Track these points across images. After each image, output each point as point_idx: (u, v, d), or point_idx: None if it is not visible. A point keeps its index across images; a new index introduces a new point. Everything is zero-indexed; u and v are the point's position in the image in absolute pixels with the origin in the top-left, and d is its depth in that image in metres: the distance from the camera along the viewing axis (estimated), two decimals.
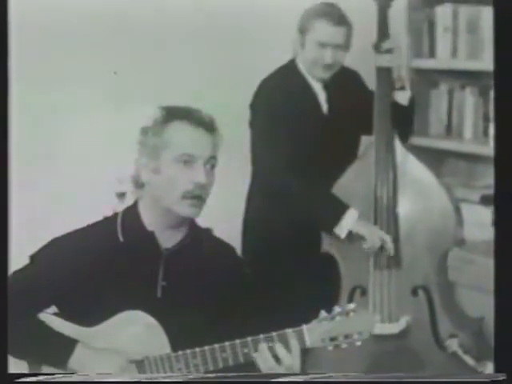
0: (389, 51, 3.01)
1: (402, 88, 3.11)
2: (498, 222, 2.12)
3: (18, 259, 2.23)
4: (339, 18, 3.04)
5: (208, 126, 2.15)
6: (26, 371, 2.13)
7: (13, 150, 2.16)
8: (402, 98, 3.11)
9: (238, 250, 2.78)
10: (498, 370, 2.03)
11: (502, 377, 1.99)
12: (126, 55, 3.41)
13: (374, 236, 2.95)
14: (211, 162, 2.15)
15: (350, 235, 2.96)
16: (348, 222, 2.95)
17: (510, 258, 2.07)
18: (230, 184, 3.30)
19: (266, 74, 3.16)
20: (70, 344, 2.12)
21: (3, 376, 2.05)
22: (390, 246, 2.95)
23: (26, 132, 3.07)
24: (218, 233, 2.37)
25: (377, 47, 3.03)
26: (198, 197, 2.13)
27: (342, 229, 2.95)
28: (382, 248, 2.96)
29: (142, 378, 2.09)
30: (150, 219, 2.19)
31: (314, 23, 3.05)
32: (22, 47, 2.66)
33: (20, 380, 2.03)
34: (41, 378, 2.04)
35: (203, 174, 2.11)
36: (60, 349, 2.12)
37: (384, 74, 3.04)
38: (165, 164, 2.13)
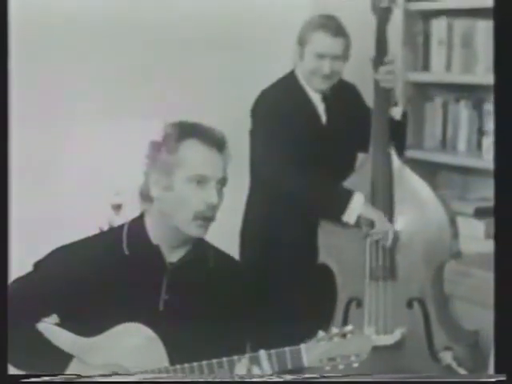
0: (388, 73, 3.02)
1: (395, 104, 3.13)
2: (497, 235, 2.12)
3: (17, 265, 2.21)
4: (337, 30, 3.07)
5: (220, 145, 2.16)
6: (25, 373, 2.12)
7: (13, 155, 2.16)
8: (396, 113, 3.13)
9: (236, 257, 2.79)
10: (498, 370, 2.03)
11: (502, 377, 1.99)
12: (126, 66, 3.41)
13: (383, 221, 2.95)
14: (222, 182, 2.16)
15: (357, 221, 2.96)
16: (356, 207, 2.95)
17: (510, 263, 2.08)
18: (228, 194, 3.32)
19: (266, 85, 3.18)
20: (65, 359, 2.12)
21: (3, 378, 2.04)
22: (391, 234, 2.95)
23: (26, 141, 3.08)
24: (217, 243, 2.37)
25: (375, 65, 3.04)
26: (209, 218, 2.14)
27: (351, 214, 2.95)
28: (386, 235, 2.96)
29: (142, 378, 2.07)
30: (156, 233, 2.20)
31: (312, 35, 3.08)
32: (22, 50, 2.67)
33: (20, 381, 2.01)
34: (41, 379, 2.03)
35: (215, 194, 2.12)
36: (55, 363, 2.11)
37: (382, 91, 3.05)
38: (178, 182, 2.13)
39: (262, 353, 2.07)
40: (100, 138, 3.31)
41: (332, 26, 3.07)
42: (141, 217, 2.24)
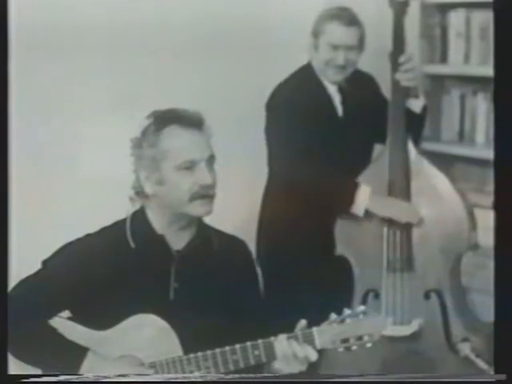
0: (408, 71, 3.02)
1: (416, 96, 3.13)
2: (498, 226, 2.13)
3: (17, 263, 2.24)
4: (351, 20, 3.07)
5: (198, 123, 2.16)
6: (26, 372, 2.13)
7: (13, 153, 2.17)
8: (415, 106, 3.13)
9: (253, 251, 2.81)
10: (498, 370, 2.04)
11: (502, 377, 2.00)
12: (134, 57, 3.41)
13: (390, 209, 2.96)
14: (211, 160, 2.17)
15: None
16: (363, 199, 2.96)
17: (511, 260, 2.08)
18: (244, 187, 3.34)
19: (282, 78, 3.18)
20: (81, 352, 2.13)
21: (3, 377, 2.05)
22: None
23: (26, 132, 3.09)
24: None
25: (393, 61, 3.04)
26: (206, 195, 2.15)
27: (359, 207, 2.97)
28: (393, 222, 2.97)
29: (148, 378, 2.10)
30: (159, 223, 2.21)
31: (326, 26, 3.08)
32: (21, 52, 2.68)
33: (20, 381, 2.03)
34: (41, 379, 2.05)
35: (208, 174, 2.13)
36: (71, 357, 2.13)
37: (401, 86, 3.05)
38: (167, 174, 2.14)
39: (273, 339, 2.08)
40: (112, 131, 3.33)
41: (345, 16, 3.07)
42: (142, 209, 2.24)
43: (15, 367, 2.13)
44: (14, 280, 2.22)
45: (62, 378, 2.05)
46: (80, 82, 3.31)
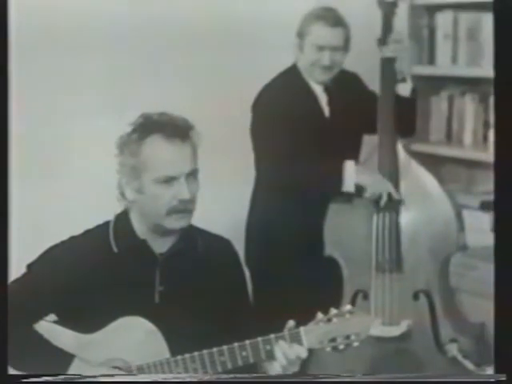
0: (394, 41, 3.04)
1: (404, 80, 3.13)
2: (497, 228, 2.13)
3: (18, 265, 2.22)
4: (336, 21, 3.07)
5: (183, 134, 2.12)
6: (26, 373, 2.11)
7: (13, 153, 2.17)
8: (404, 89, 3.14)
9: (241, 253, 2.80)
10: (498, 370, 2.04)
11: (502, 378, 2.00)
12: (127, 61, 3.41)
13: (376, 184, 2.97)
14: (193, 173, 2.13)
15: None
16: (350, 174, 2.97)
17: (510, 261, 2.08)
18: (231, 189, 3.34)
19: (267, 80, 3.18)
20: (66, 358, 2.11)
21: (3, 378, 2.04)
22: (386, 197, 2.97)
23: (26, 138, 3.08)
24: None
25: (381, 41, 3.06)
26: (184, 210, 2.13)
27: (348, 183, 2.98)
28: (380, 197, 2.98)
29: (142, 378, 2.09)
30: (141, 229, 2.19)
31: (312, 26, 3.08)
32: (21, 50, 2.67)
33: (19, 381, 2.02)
34: (41, 379, 2.03)
35: (186, 189, 2.10)
36: (57, 363, 2.11)
37: (388, 67, 3.06)
38: (146, 185, 2.12)
39: (260, 339, 2.08)
40: (104, 130, 3.32)
41: (330, 17, 3.07)
42: (125, 213, 2.22)
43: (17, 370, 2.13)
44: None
45: (61, 377, 2.05)
46: (74, 82, 3.32)
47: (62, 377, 2.05)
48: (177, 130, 2.11)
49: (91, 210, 2.97)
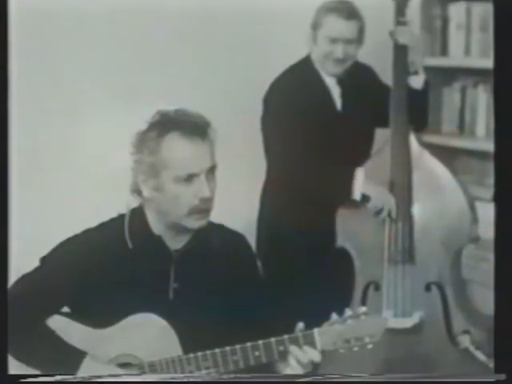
0: (405, 24, 3.04)
1: (416, 72, 3.13)
2: (499, 220, 2.12)
3: (17, 261, 2.23)
4: (350, 13, 3.06)
5: (202, 131, 2.11)
6: (26, 372, 2.12)
7: (13, 150, 2.17)
8: (416, 82, 3.13)
9: (253, 245, 2.80)
10: (498, 370, 2.04)
11: (502, 377, 2.00)
12: (133, 54, 3.40)
13: (380, 197, 2.97)
14: (211, 171, 2.12)
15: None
16: (359, 183, 2.98)
17: (511, 256, 2.07)
18: (242, 182, 3.34)
19: (279, 72, 3.18)
20: (78, 355, 2.10)
21: (3, 377, 2.04)
22: (387, 211, 2.97)
23: (26, 132, 3.09)
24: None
25: (394, 25, 3.06)
26: (205, 209, 2.12)
27: (356, 192, 2.98)
28: (381, 211, 2.98)
29: (149, 378, 2.09)
30: (156, 226, 2.18)
31: (325, 18, 3.08)
32: (22, 47, 2.67)
33: (19, 381, 2.02)
34: (41, 379, 2.03)
35: (207, 187, 2.09)
36: (68, 360, 2.10)
37: (400, 57, 3.05)
38: (166, 183, 2.10)
39: (273, 340, 2.08)
40: (105, 123, 3.33)
41: (345, 9, 3.07)
42: (140, 208, 2.21)
43: (15, 367, 2.12)
44: (13, 277, 2.22)
45: (60, 378, 2.05)
46: (78, 76, 3.32)
47: (63, 377, 2.06)
48: (195, 127, 2.10)
49: (93, 208, 2.99)
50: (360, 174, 2.99)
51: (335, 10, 3.06)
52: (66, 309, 2.20)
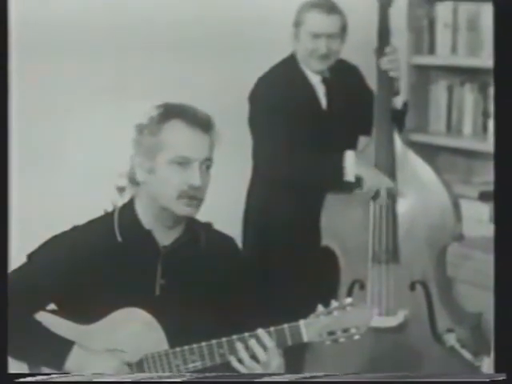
0: (391, 62, 3.03)
1: (397, 93, 3.12)
2: (497, 219, 2.12)
3: (18, 258, 2.22)
4: (330, 8, 3.07)
5: (204, 125, 2.13)
6: (25, 371, 2.13)
7: (13, 147, 2.17)
8: (396, 102, 3.13)
9: (239, 244, 2.81)
10: (497, 370, 2.03)
11: (501, 377, 1.99)
12: (126, 53, 3.42)
13: (374, 178, 2.98)
14: (206, 163, 2.13)
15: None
16: (351, 164, 2.98)
17: (510, 255, 2.07)
18: (229, 180, 3.34)
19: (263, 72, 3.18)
20: (66, 345, 2.11)
21: (3, 376, 2.05)
22: (385, 191, 2.98)
23: (25, 128, 3.10)
24: (219, 228, 2.37)
25: (378, 54, 3.05)
26: (194, 197, 2.12)
27: (349, 172, 2.98)
28: (378, 193, 2.98)
29: (142, 378, 2.09)
30: (147, 217, 2.18)
31: (307, 15, 3.09)
32: (21, 46, 2.68)
33: (19, 380, 2.01)
34: (40, 378, 2.03)
35: (198, 176, 2.10)
36: (57, 350, 2.11)
37: (385, 79, 3.05)
38: (160, 165, 2.12)
39: (260, 331, 2.08)
40: (101, 120, 3.34)
41: (325, 4, 3.08)
42: (131, 202, 2.22)
43: (15, 367, 2.13)
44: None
45: (61, 377, 2.06)
46: (65, 78, 3.33)
47: (62, 376, 2.06)
48: (199, 120, 2.13)
49: (91, 203, 3.00)
50: (350, 156, 2.99)
51: (316, 5, 3.07)
52: (52, 306, 2.19)
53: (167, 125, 2.12)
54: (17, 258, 2.22)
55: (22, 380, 2.01)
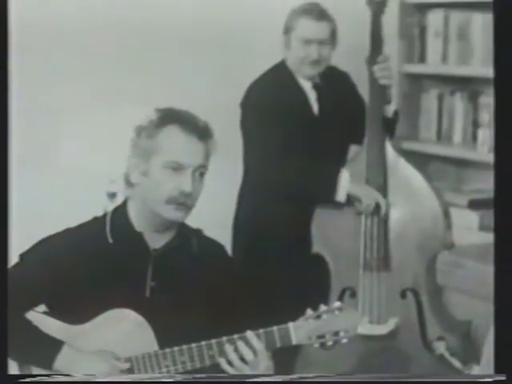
0: (383, 70, 3.04)
1: (388, 102, 3.14)
2: (497, 227, 2.12)
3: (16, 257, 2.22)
4: (320, 14, 3.08)
5: (202, 133, 2.16)
6: (25, 372, 2.12)
7: (13, 147, 2.17)
8: (388, 110, 3.14)
9: (229, 250, 2.81)
10: (498, 370, 2.03)
11: (501, 377, 1.99)
12: (123, 56, 3.42)
13: (369, 197, 2.98)
14: (200, 170, 2.15)
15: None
16: (344, 185, 2.98)
17: (510, 261, 2.08)
18: (220, 185, 3.34)
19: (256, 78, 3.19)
20: (56, 345, 2.11)
21: (3, 377, 2.04)
22: (384, 208, 2.98)
23: (25, 128, 3.09)
24: (209, 233, 2.38)
25: (370, 63, 3.06)
26: (183, 203, 2.13)
27: (341, 193, 2.98)
28: (376, 210, 2.98)
29: (138, 378, 2.10)
30: (138, 220, 2.20)
31: (297, 21, 3.10)
32: (21, 47, 2.67)
33: (19, 381, 2.01)
34: (41, 379, 2.03)
35: (190, 182, 2.11)
36: (46, 350, 2.11)
37: (377, 88, 3.06)
38: (154, 168, 2.14)
39: (249, 333, 2.09)
40: (94, 126, 3.33)
41: (315, 11, 3.09)
42: (124, 204, 2.24)
43: (15, 367, 2.13)
44: None
45: (61, 378, 2.05)
46: (63, 80, 3.33)
47: (62, 376, 2.06)
48: (196, 127, 2.15)
49: (91, 203, 3.00)
50: (345, 176, 2.99)
51: (305, 12, 3.08)
52: (42, 307, 2.20)
53: (165, 129, 2.15)
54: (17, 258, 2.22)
55: (22, 381, 2.00)
